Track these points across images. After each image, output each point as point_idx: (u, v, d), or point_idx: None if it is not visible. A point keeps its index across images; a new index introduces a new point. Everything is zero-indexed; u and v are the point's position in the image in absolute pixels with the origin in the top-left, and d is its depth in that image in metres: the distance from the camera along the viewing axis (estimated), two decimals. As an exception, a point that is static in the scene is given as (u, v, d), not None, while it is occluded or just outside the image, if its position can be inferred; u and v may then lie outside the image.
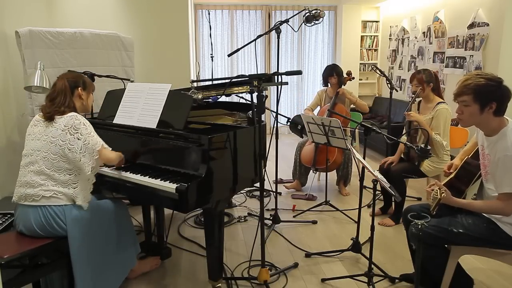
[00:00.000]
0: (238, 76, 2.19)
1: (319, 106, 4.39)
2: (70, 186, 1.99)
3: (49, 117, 2.00)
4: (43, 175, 1.97)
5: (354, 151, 2.38)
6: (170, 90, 2.29)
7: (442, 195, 1.88)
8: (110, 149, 2.11)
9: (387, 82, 3.66)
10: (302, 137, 4.17)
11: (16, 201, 2.02)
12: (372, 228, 2.34)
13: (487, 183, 2.02)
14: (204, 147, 1.99)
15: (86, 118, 2.49)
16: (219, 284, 2.26)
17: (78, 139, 1.96)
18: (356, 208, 3.26)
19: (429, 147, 2.13)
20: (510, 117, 1.94)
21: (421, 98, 3.36)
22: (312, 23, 2.98)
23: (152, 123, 2.24)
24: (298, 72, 2.22)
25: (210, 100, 2.95)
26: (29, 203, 1.96)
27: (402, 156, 3.40)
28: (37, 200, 1.95)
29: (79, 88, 2.15)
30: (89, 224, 2.04)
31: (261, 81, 2.09)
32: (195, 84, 2.47)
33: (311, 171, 4.09)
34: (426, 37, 5.56)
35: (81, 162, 1.97)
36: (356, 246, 2.68)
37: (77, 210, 2.01)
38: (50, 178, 1.97)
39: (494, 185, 1.93)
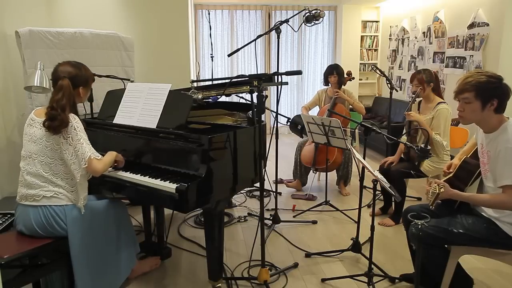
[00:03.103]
0: (238, 76, 2.19)
1: (318, 106, 4.40)
2: (68, 189, 2.00)
3: (56, 132, 1.91)
4: (42, 178, 1.96)
5: (354, 151, 2.38)
6: (170, 90, 2.29)
7: (441, 190, 1.88)
8: (99, 157, 2.01)
9: (387, 82, 3.66)
10: (302, 137, 4.17)
11: (18, 201, 2.03)
12: (372, 228, 2.34)
13: (486, 180, 2.02)
14: (204, 147, 1.99)
15: (87, 119, 2.49)
16: (219, 284, 2.26)
17: (70, 144, 1.93)
18: (356, 208, 3.26)
19: (429, 147, 2.13)
20: (509, 115, 1.95)
21: (421, 98, 3.36)
22: (312, 23, 2.98)
23: (152, 123, 2.24)
24: (298, 72, 2.22)
25: (210, 100, 2.95)
26: (30, 203, 1.96)
27: (402, 156, 3.40)
28: (38, 200, 1.95)
29: (81, 88, 2.09)
30: (89, 224, 2.04)
31: (261, 81, 2.09)
32: (195, 84, 2.47)
33: (311, 171, 4.09)
34: (426, 37, 5.56)
35: (72, 168, 1.96)
36: (356, 246, 2.68)
37: (78, 210, 2.02)
38: (49, 181, 1.97)
39: (493, 180, 1.93)
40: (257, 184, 2.31)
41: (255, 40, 2.90)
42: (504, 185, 1.85)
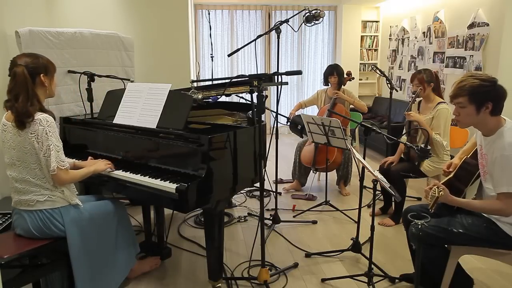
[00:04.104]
0: (238, 76, 2.18)
1: (316, 106, 4.40)
2: (58, 190, 1.98)
3: (21, 125, 1.84)
4: (31, 183, 1.93)
5: (354, 151, 2.38)
6: (170, 90, 2.29)
7: (440, 193, 1.88)
8: (65, 166, 1.93)
9: (387, 82, 3.66)
10: (302, 137, 4.17)
11: (13, 206, 2.01)
12: (372, 228, 2.34)
13: (485, 182, 2.02)
14: (204, 147, 1.99)
15: (87, 119, 2.48)
16: (219, 284, 2.26)
17: (40, 149, 1.87)
18: (356, 208, 3.26)
19: (429, 147, 2.13)
20: (507, 116, 1.94)
21: (421, 98, 3.36)
22: (312, 23, 2.98)
23: (152, 123, 2.24)
24: (298, 72, 2.22)
25: (210, 100, 2.95)
26: (25, 208, 1.95)
27: (402, 156, 3.40)
28: (32, 205, 1.94)
29: (41, 75, 1.94)
30: (87, 224, 2.04)
31: (261, 81, 2.09)
32: (195, 84, 2.47)
33: (311, 171, 4.09)
34: (426, 37, 5.56)
35: (45, 172, 1.92)
36: (356, 246, 2.68)
37: (75, 210, 2.01)
38: (39, 186, 1.94)
39: (492, 184, 1.93)
40: (257, 184, 2.31)
41: (255, 40, 2.90)
42: (500, 193, 1.86)
